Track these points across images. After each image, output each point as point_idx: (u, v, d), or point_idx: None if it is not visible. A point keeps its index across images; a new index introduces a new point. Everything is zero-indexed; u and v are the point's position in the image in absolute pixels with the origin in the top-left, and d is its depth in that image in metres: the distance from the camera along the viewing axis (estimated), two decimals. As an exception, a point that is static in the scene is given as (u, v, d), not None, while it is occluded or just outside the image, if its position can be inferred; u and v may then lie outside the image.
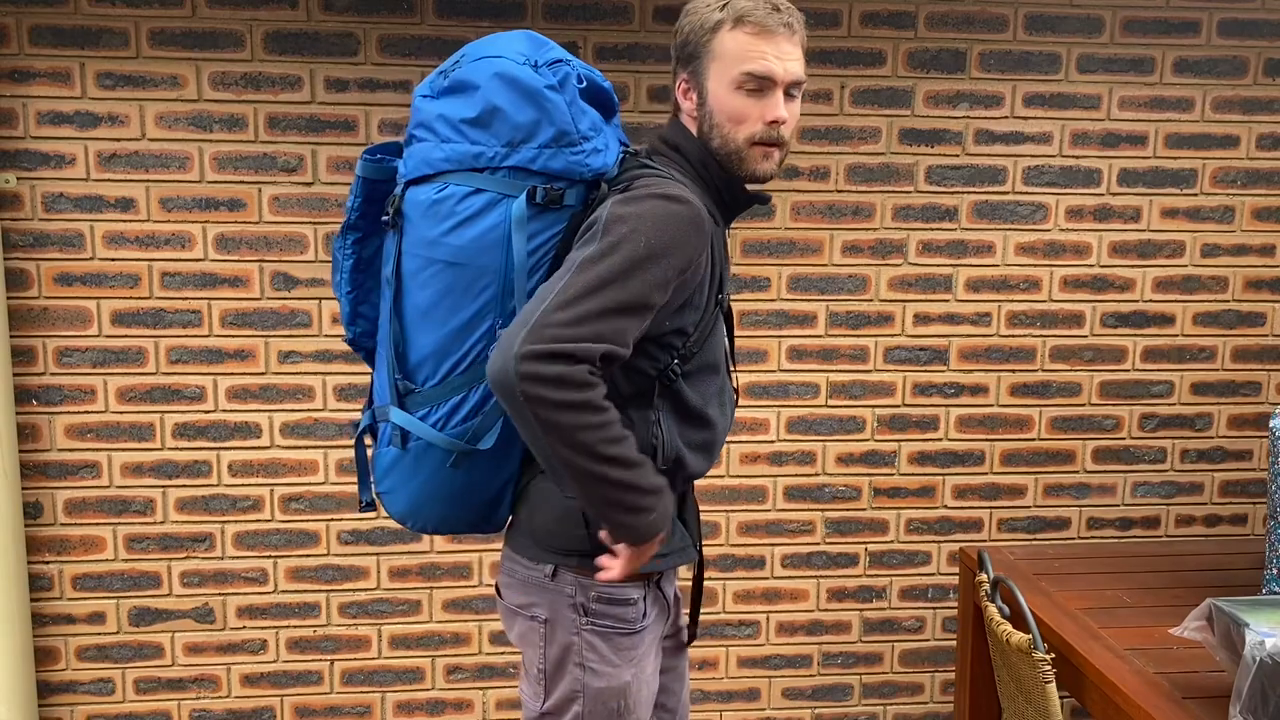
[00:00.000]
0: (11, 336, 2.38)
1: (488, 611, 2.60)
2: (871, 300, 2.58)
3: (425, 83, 1.47)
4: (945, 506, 2.70)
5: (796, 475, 2.64)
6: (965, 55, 2.53)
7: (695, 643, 1.73)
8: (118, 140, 2.35)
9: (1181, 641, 1.61)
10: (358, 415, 2.50)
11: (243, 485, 2.50)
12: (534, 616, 1.49)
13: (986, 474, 2.70)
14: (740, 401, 2.41)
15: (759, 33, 1.40)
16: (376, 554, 2.55)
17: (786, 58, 1.41)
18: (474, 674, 2.63)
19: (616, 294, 1.27)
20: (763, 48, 1.40)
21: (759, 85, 1.40)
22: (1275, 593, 1.87)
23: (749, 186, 1.50)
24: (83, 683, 2.52)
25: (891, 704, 2.76)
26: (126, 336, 2.42)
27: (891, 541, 2.70)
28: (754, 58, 1.40)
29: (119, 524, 2.47)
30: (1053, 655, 1.72)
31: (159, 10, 2.32)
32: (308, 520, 2.52)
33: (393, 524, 2.54)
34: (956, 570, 2.67)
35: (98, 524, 2.47)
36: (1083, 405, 2.69)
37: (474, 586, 2.59)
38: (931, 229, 2.58)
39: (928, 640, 2.75)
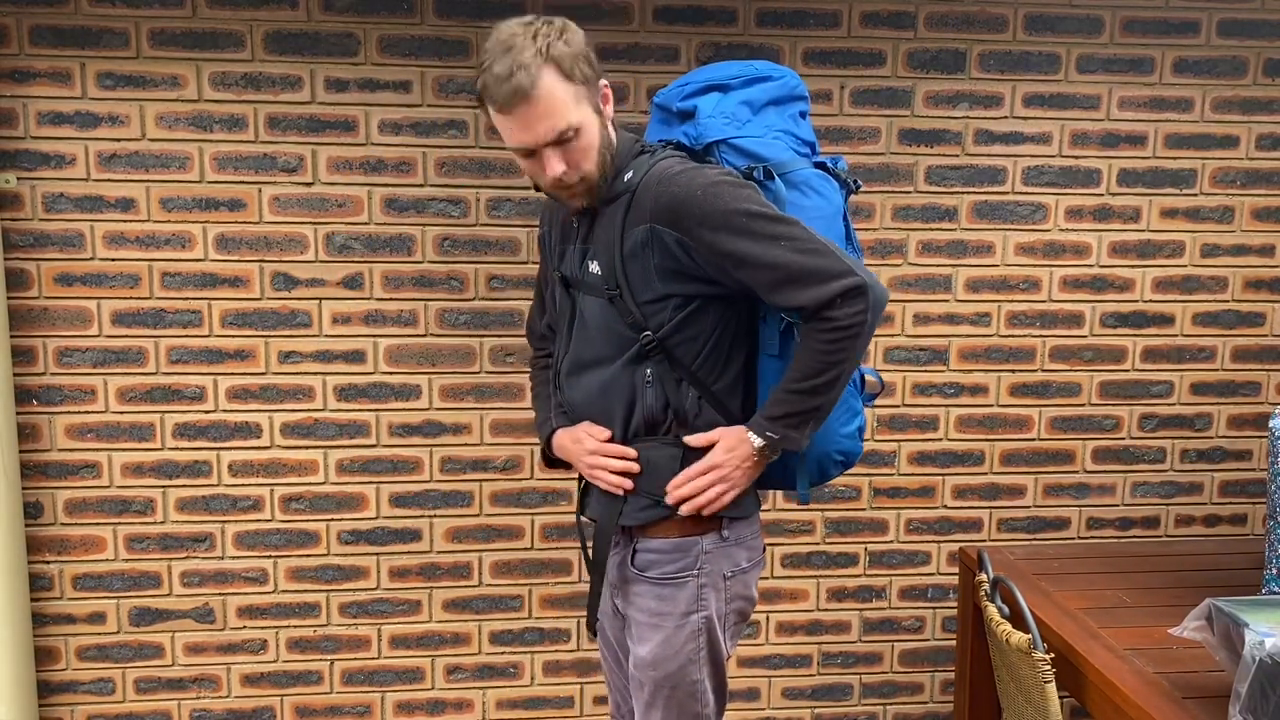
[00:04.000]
0: (11, 336, 2.38)
1: (488, 611, 2.61)
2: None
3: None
4: (945, 506, 2.70)
5: (796, 475, 2.64)
6: (965, 55, 2.53)
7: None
8: (118, 140, 2.35)
9: (1181, 641, 1.60)
10: (357, 415, 2.50)
11: (243, 485, 2.50)
12: None
13: (986, 474, 2.70)
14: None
15: (501, 110, 1.46)
16: (376, 554, 2.55)
17: (534, 124, 1.45)
18: (474, 674, 2.63)
19: None
20: (509, 125, 1.47)
21: (526, 153, 1.51)
22: (1275, 593, 1.88)
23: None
24: (83, 683, 2.52)
25: (891, 704, 2.76)
26: (127, 336, 2.42)
27: (891, 541, 2.70)
28: (508, 134, 1.49)
29: (119, 524, 2.47)
30: (1052, 655, 1.73)
31: (159, 10, 2.32)
32: (308, 520, 2.53)
33: (393, 524, 2.54)
34: (956, 570, 2.67)
35: (98, 524, 2.47)
36: (1082, 405, 2.69)
37: (474, 586, 2.59)
38: (931, 229, 2.58)
39: (927, 640, 2.75)
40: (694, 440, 1.59)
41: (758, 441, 1.55)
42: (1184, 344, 2.69)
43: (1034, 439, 2.69)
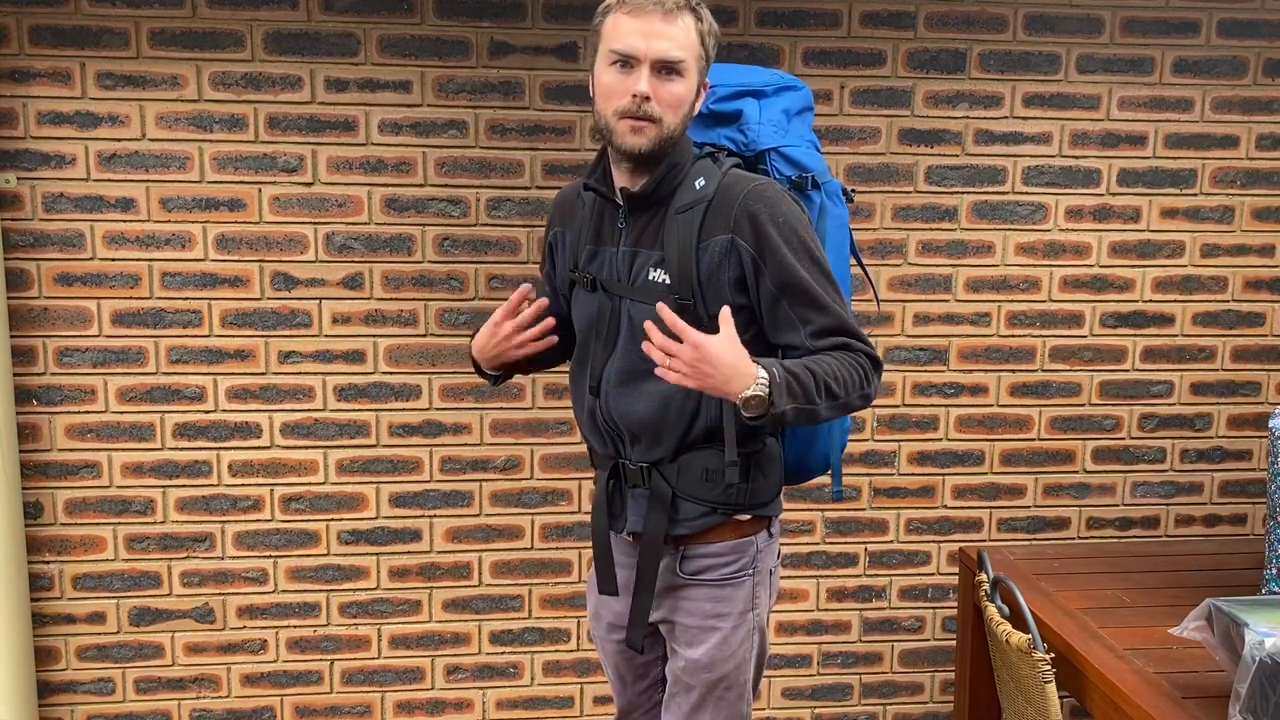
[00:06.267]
0: (11, 336, 2.38)
1: (488, 611, 2.61)
2: (872, 300, 2.58)
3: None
4: (945, 506, 2.70)
5: (796, 475, 2.64)
6: (965, 55, 2.53)
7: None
8: (118, 140, 2.35)
9: (1181, 641, 1.61)
10: (357, 415, 2.50)
11: (243, 485, 2.50)
12: None
13: (986, 474, 2.70)
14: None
15: (630, 12, 1.47)
16: (376, 554, 2.55)
17: (655, 36, 1.46)
18: (474, 674, 2.63)
19: None
20: (631, 26, 1.47)
21: (624, 61, 1.48)
22: (1275, 593, 1.88)
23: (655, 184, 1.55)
24: (83, 683, 2.52)
25: (891, 704, 2.76)
26: (126, 336, 2.42)
27: (891, 541, 2.70)
28: (620, 36, 1.48)
29: (119, 524, 2.47)
30: (1052, 655, 1.73)
31: (159, 10, 2.32)
32: (308, 520, 2.53)
33: (393, 524, 2.54)
34: (956, 570, 2.67)
35: (98, 524, 2.47)
36: (1082, 405, 2.69)
37: (474, 586, 2.59)
38: (931, 229, 2.58)
39: (927, 640, 2.75)
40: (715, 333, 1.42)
41: (761, 383, 1.39)
42: (1184, 344, 2.69)
43: (1034, 439, 2.69)
